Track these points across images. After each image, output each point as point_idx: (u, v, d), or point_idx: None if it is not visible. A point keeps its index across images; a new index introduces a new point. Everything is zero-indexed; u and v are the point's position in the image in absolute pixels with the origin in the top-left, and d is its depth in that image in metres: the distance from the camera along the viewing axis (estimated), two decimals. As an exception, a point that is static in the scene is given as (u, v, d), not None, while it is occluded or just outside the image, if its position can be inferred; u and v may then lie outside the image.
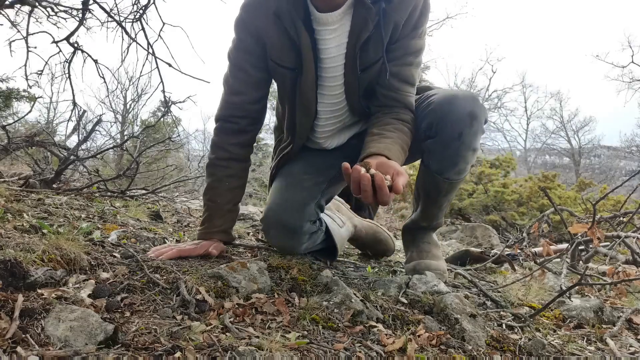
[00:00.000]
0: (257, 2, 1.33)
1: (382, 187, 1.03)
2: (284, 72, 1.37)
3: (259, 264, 1.24)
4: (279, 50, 1.33)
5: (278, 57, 1.35)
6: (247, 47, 1.37)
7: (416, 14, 1.29)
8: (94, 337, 0.75)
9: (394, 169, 1.11)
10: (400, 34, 1.31)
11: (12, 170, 4.40)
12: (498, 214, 6.64)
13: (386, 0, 1.25)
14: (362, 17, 1.26)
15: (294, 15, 1.27)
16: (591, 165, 25.64)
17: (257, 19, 1.32)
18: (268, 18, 1.30)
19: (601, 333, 1.20)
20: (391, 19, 1.27)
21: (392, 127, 1.32)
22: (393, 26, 1.28)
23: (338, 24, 1.30)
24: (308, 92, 1.38)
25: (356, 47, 1.30)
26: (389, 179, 1.07)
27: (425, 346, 0.96)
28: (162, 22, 2.30)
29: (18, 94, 4.39)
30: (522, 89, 25.47)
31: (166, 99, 2.53)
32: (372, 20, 1.25)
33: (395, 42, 1.32)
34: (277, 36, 1.32)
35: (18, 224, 1.44)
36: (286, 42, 1.31)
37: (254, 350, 0.79)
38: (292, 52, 1.32)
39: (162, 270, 1.20)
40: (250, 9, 1.34)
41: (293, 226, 1.43)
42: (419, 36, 1.34)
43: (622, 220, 2.25)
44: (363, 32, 1.27)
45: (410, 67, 1.36)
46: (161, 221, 2.21)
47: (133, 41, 2.48)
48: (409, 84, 1.39)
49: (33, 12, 3.07)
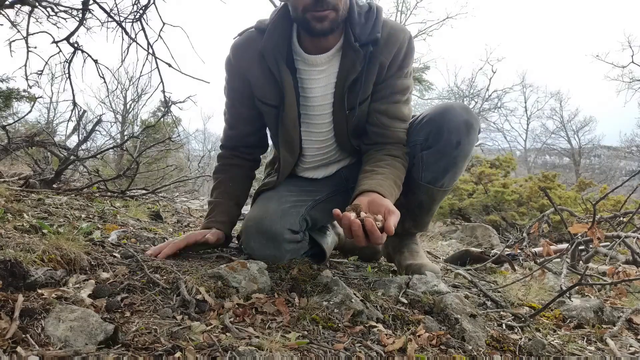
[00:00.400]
0: (245, 42, 1.41)
1: (372, 231, 1.05)
2: (267, 110, 1.43)
3: (259, 264, 1.24)
4: (262, 88, 1.39)
5: (262, 95, 1.40)
6: (234, 86, 1.46)
7: (401, 55, 1.35)
8: (94, 337, 0.75)
9: (385, 207, 1.13)
10: (386, 74, 1.36)
11: (12, 170, 4.40)
12: (498, 214, 6.64)
13: (373, 43, 1.30)
14: (350, 59, 1.32)
15: (277, 55, 1.34)
16: (591, 165, 25.64)
17: (243, 59, 1.40)
18: (253, 57, 1.37)
19: (601, 333, 1.20)
20: (377, 60, 1.33)
21: (385, 163, 1.35)
22: (379, 67, 1.34)
23: (327, 65, 1.36)
24: (291, 130, 1.43)
25: (344, 88, 1.35)
26: (380, 220, 1.07)
27: (425, 346, 0.96)
28: (162, 22, 2.30)
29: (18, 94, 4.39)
30: (522, 89, 25.48)
31: (166, 99, 2.53)
32: (360, 62, 1.31)
33: (382, 82, 1.37)
34: (260, 74, 1.38)
35: (18, 224, 1.44)
36: (269, 80, 1.37)
37: (254, 350, 0.79)
38: (274, 89, 1.38)
39: (162, 270, 1.20)
40: (237, 50, 1.42)
41: (273, 234, 1.40)
42: (405, 76, 1.40)
43: (622, 220, 2.25)
44: (351, 73, 1.32)
45: (399, 105, 1.41)
46: (161, 221, 2.21)
47: (133, 41, 2.47)
48: (398, 119, 1.42)
49: (33, 12, 3.07)
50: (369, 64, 1.32)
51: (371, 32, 1.30)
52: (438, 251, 2.71)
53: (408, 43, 1.35)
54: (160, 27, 2.30)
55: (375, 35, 1.30)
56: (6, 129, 3.19)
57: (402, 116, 1.42)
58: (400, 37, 1.34)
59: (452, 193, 7.04)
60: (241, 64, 1.40)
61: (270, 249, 1.42)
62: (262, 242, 1.43)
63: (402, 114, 1.42)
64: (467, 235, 3.88)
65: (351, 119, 1.41)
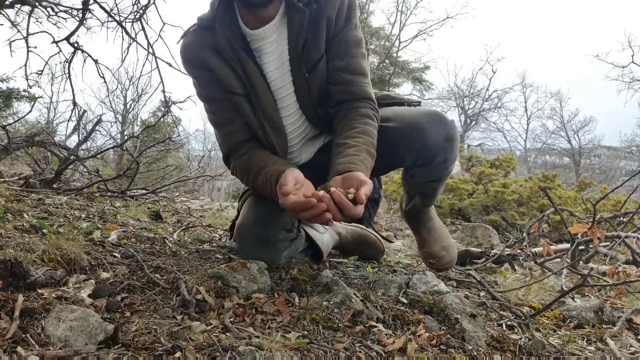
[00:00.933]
0: (192, 41, 1.36)
1: (341, 202, 1.02)
2: (237, 99, 1.37)
3: (259, 263, 1.25)
4: (227, 81, 1.35)
5: (229, 86, 1.36)
6: (205, 80, 1.38)
7: (345, 7, 1.32)
8: (94, 337, 0.75)
9: (356, 180, 1.10)
10: (335, 28, 1.33)
11: (12, 170, 4.40)
12: (498, 214, 6.64)
13: (315, 0, 1.28)
14: (297, 21, 1.29)
15: (234, 46, 1.30)
16: (591, 165, 25.64)
17: (199, 53, 1.34)
18: (208, 53, 1.33)
19: (601, 333, 1.20)
20: (323, 15, 1.30)
21: (355, 131, 1.30)
22: (327, 22, 1.31)
23: (275, 35, 1.32)
24: (272, 113, 1.38)
25: (297, 50, 1.32)
26: (352, 192, 1.06)
27: (425, 346, 0.96)
28: (162, 22, 2.30)
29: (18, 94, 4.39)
30: (522, 89, 25.47)
31: (166, 99, 2.53)
32: (307, 21, 1.29)
33: (333, 38, 1.34)
34: (221, 67, 1.33)
35: (18, 224, 1.44)
36: (230, 72, 1.33)
37: (254, 350, 0.79)
38: (238, 80, 1.34)
39: (162, 270, 1.20)
40: (188, 48, 1.37)
41: (267, 236, 1.39)
42: (354, 27, 1.37)
43: (622, 220, 2.25)
44: (301, 34, 1.30)
45: (356, 59, 1.37)
46: (161, 221, 2.21)
47: (133, 41, 2.48)
48: (360, 74, 1.38)
49: (33, 12, 3.07)
50: (316, 21, 1.29)
51: None
52: (438, 251, 2.70)
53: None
54: (161, 27, 2.30)
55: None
56: (6, 129, 3.19)
57: (363, 70, 1.39)
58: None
59: (452, 193, 7.04)
60: (200, 57, 1.34)
61: (265, 251, 1.41)
62: (257, 247, 1.41)
63: (362, 68, 1.39)
64: (467, 235, 3.88)
65: (313, 82, 1.36)
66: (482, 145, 24.25)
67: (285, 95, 1.39)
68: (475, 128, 24.87)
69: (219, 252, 1.56)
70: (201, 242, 1.81)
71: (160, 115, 12.99)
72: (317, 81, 1.37)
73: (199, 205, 4.75)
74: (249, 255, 1.41)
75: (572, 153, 24.42)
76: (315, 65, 1.34)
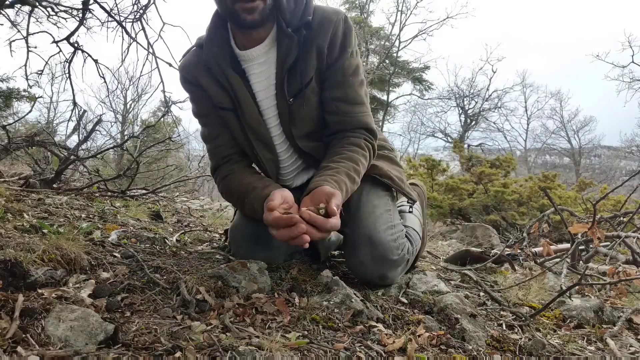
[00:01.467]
0: (188, 60, 1.42)
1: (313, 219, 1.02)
2: (225, 114, 1.41)
3: (259, 263, 1.25)
4: (215, 96, 1.38)
5: (217, 101, 1.39)
6: (198, 95, 1.43)
7: (339, 37, 1.31)
8: (94, 337, 0.75)
9: (324, 194, 1.10)
10: (329, 58, 1.33)
11: (12, 170, 4.40)
12: (498, 213, 6.64)
13: (306, 27, 1.28)
14: (286, 46, 1.30)
15: (221, 63, 1.33)
16: (591, 165, 25.63)
17: (193, 71, 1.40)
18: (201, 71, 1.38)
19: (601, 333, 1.20)
20: (313, 43, 1.30)
21: (340, 156, 1.31)
22: (317, 51, 1.31)
23: (264, 57, 1.34)
24: (257, 126, 1.39)
25: (283, 74, 1.33)
26: (322, 207, 1.05)
27: (425, 346, 0.96)
28: (163, 22, 2.30)
29: (18, 93, 4.39)
30: (522, 88, 25.45)
31: (166, 99, 2.53)
32: (295, 47, 1.29)
33: (329, 68, 1.34)
34: (210, 84, 1.37)
35: (18, 223, 1.44)
36: (218, 88, 1.37)
37: (254, 350, 0.79)
38: (226, 95, 1.37)
39: (162, 270, 1.20)
40: (185, 67, 1.42)
41: (259, 235, 1.38)
42: (351, 55, 1.36)
43: (622, 220, 2.25)
44: (288, 58, 1.31)
45: (353, 88, 1.37)
46: (161, 221, 2.21)
47: (133, 41, 2.48)
48: (357, 104, 1.38)
49: (33, 12, 3.08)
50: (304, 48, 1.30)
51: (302, 15, 1.28)
52: (438, 251, 2.71)
53: (344, 22, 1.32)
54: (161, 26, 2.30)
55: (307, 19, 1.28)
56: (6, 129, 3.19)
57: (360, 99, 1.39)
58: (334, 19, 1.31)
59: (452, 193, 7.04)
60: (193, 74, 1.40)
61: (260, 251, 1.39)
62: (251, 247, 1.41)
63: (360, 97, 1.39)
64: (467, 235, 3.88)
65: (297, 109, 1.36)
66: (482, 145, 24.24)
67: (270, 117, 1.41)
68: (476, 128, 24.86)
69: (218, 252, 1.56)
70: (201, 242, 1.81)
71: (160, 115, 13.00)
72: (301, 109, 1.36)
73: (199, 205, 4.75)
74: (244, 257, 1.40)
75: (572, 153, 24.42)
76: (299, 91, 1.33)
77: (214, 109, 1.41)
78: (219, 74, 1.34)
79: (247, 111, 1.37)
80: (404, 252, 1.35)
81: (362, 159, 1.33)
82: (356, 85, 1.38)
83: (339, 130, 1.39)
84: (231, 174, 1.41)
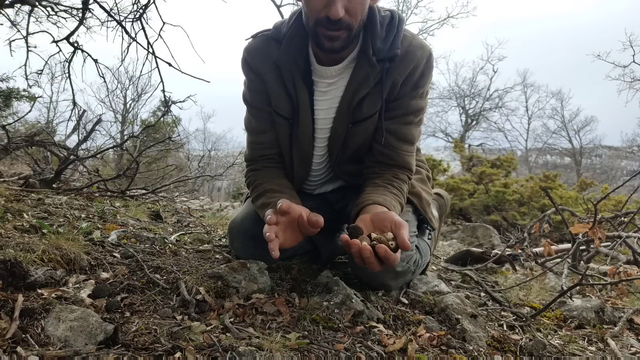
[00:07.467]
0: (259, 47, 1.33)
1: (387, 257, 0.96)
2: (280, 120, 1.36)
3: (259, 264, 1.24)
4: (276, 98, 1.33)
5: (275, 104, 1.34)
6: (257, 87, 1.37)
7: (417, 74, 1.27)
8: (94, 337, 0.75)
9: (390, 221, 1.04)
10: (399, 92, 1.28)
11: (12, 170, 4.40)
12: (499, 213, 6.64)
13: (390, 60, 1.23)
14: (364, 73, 1.25)
15: (293, 69, 1.27)
16: (592, 165, 25.63)
17: (259, 61, 1.33)
18: (269, 66, 1.30)
19: (602, 333, 1.20)
20: (391, 77, 1.25)
21: (389, 183, 1.29)
22: (392, 84, 1.26)
23: (337, 78, 1.30)
24: (305, 146, 1.37)
25: (352, 102, 1.28)
26: (390, 238, 1.00)
27: (426, 346, 0.96)
28: (162, 22, 2.30)
29: (18, 93, 4.39)
30: (523, 88, 25.47)
31: (166, 99, 2.53)
32: (374, 77, 1.24)
33: (394, 101, 1.30)
34: (275, 84, 1.31)
35: (18, 223, 1.44)
36: (283, 92, 1.31)
37: (254, 351, 0.79)
38: (288, 102, 1.32)
39: (162, 270, 1.20)
40: (251, 52, 1.35)
41: (253, 233, 1.33)
42: (419, 96, 1.32)
43: (623, 221, 2.25)
44: (362, 88, 1.26)
45: (409, 126, 1.34)
46: (161, 221, 2.20)
47: (133, 40, 2.47)
48: (407, 142, 1.35)
49: (33, 12, 3.08)
50: (383, 80, 1.24)
51: (391, 47, 1.22)
52: (439, 251, 2.71)
53: (426, 61, 1.27)
54: (161, 26, 2.30)
55: (395, 52, 1.22)
56: (6, 129, 3.18)
57: (411, 139, 1.36)
58: (418, 55, 1.25)
59: (453, 193, 7.04)
60: (257, 65, 1.33)
61: (252, 248, 1.37)
62: (245, 242, 1.39)
63: (411, 136, 1.35)
64: (468, 235, 3.88)
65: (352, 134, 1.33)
66: (483, 145, 24.26)
67: (321, 137, 1.38)
68: (476, 128, 24.89)
69: (219, 252, 1.56)
70: (201, 242, 1.80)
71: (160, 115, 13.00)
72: (356, 136, 1.33)
73: (199, 205, 4.75)
74: (238, 252, 1.40)
75: (573, 153, 24.42)
76: (363, 120, 1.31)
77: (269, 107, 1.36)
78: (288, 79, 1.28)
79: (303, 128, 1.33)
80: (409, 265, 1.31)
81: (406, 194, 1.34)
82: (413, 124, 1.35)
83: (382, 162, 1.36)
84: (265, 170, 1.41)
